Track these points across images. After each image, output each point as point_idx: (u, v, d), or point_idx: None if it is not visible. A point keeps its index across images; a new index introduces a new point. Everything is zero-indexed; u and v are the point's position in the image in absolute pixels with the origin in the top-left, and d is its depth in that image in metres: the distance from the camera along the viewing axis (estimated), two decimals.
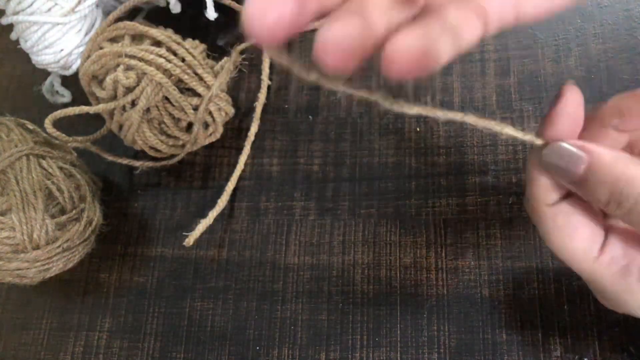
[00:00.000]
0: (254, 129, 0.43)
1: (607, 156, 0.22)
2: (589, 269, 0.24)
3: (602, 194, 0.22)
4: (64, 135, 0.40)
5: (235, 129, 0.44)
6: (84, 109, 0.39)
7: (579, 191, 0.23)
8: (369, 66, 0.20)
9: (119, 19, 0.40)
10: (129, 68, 0.37)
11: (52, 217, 0.36)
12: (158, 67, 0.37)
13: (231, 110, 0.41)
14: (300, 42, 0.45)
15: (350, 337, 0.37)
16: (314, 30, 0.19)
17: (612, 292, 0.24)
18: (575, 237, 0.24)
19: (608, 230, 0.24)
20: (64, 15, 0.41)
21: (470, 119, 0.22)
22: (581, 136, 0.24)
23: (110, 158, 0.42)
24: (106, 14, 0.45)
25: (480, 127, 0.23)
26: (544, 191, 0.24)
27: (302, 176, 0.41)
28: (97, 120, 0.41)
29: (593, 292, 0.26)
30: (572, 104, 0.23)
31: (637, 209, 0.21)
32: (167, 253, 0.41)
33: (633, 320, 0.32)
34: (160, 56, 0.37)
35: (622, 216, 0.22)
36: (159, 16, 0.45)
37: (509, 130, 0.23)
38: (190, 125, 0.40)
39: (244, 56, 0.43)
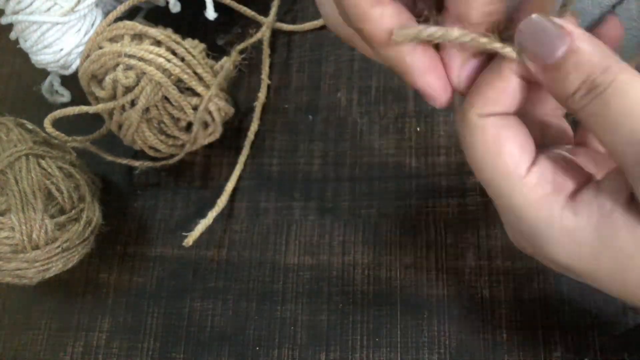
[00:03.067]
0: (253, 128, 0.43)
1: (586, 41, 0.20)
2: (510, 188, 0.21)
3: (573, 80, 0.20)
4: (63, 135, 0.40)
5: (235, 129, 0.44)
6: (83, 108, 0.39)
7: (545, 76, 0.21)
8: None
9: (119, 19, 0.40)
10: (128, 68, 0.37)
11: (52, 217, 0.36)
12: (157, 67, 0.37)
13: (231, 110, 0.41)
14: (301, 41, 0.45)
15: (351, 338, 0.36)
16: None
17: (530, 221, 0.22)
18: (503, 152, 0.21)
19: (539, 153, 0.22)
20: (64, 15, 0.41)
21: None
22: None
23: (109, 158, 0.42)
24: (106, 13, 0.45)
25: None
26: (481, 99, 0.22)
27: (302, 176, 0.41)
28: (96, 120, 0.41)
29: (506, 225, 0.24)
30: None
31: (604, 97, 0.19)
32: (167, 253, 0.41)
33: (633, 320, 0.32)
34: (160, 56, 0.37)
35: (583, 106, 0.20)
36: (159, 16, 0.45)
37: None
38: (189, 125, 0.40)
39: (243, 56, 0.43)
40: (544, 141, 0.25)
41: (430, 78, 0.23)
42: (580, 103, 0.20)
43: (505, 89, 0.22)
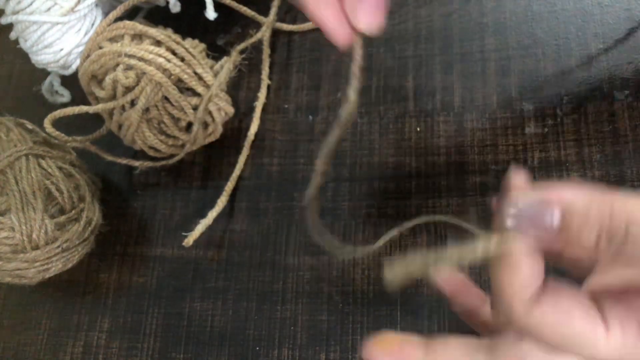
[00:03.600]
0: (253, 128, 0.43)
1: (572, 191, 0.19)
2: (604, 353, 0.19)
3: (589, 237, 0.19)
4: (63, 135, 0.40)
5: (235, 129, 0.44)
6: (83, 108, 0.39)
7: (560, 244, 0.20)
8: None
9: (119, 19, 0.40)
10: (128, 68, 0.37)
11: (52, 217, 0.36)
12: (157, 67, 0.37)
13: (231, 110, 0.41)
14: (301, 41, 0.45)
15: (350, 338, 0.36)
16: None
17: None
18: (577, 325, 0.19)
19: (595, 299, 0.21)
20: (64, 15, 0.41)
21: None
22: None
23: (109, 158, 0.42)
24: (106, 13, 0.45)
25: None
26: (527, 281, 0.20)
27: (301, 176, 0.41)
28: (96, 120, 0.41)
29: None
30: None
31: (629, 239, 0.18)
32: (167, 253, 0.41)
33: None
34: (160, 56, 0.37)
35: (617, 250, 0.19)
36: (159, 16, 0.45)
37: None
38: (189, 125, 0.40)
39: (243, 56, 0.43)
40: None
41: (327, 12, 0.23)
42: (609, 252, 0.19)
43: (528, 270, 0.20)
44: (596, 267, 0.22)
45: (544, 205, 0.19)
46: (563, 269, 0.22)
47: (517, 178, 0.20)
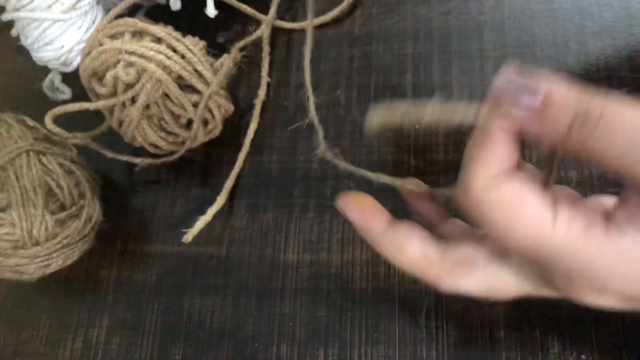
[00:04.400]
0: (253, 126, 0.43)
1: (557, 82, 0.20)
2: (548, 241, 0.20)
3: (564, 118, 0.20)
4: (64, 131, 0.40)
5: (235, 126, 0.44)
6: (84, 105, 0.39)
7: (535, 125, 0.21)
8: None
9: (120, 16, 0.40)
10: (129, 65, 0.37)
11: (52, 213, 0.36)
12: (158, 64, 0.37)
13: (231, 108, 0.41)
14: (301, 39, 0.45)
15: (349, 334, 0.37)
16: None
17: (582, 263, 0.20)
18: (527, 210, 0.20)
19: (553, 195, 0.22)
20: (65, 12, 0.41)
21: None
22: None
23: (110, 155, 0.42)
24: (106, 10, 0.45)
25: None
26: (497, 159, 0.21)
27: (301, 174, 0.41)
28: (97, 117, 0.42)
29: (551, 284, 0.22)
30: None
31: (603, 122, 0.19)
32: (167, 250, 0.42)
33: (631, 316, 0.32)
34: (160, 53, 0.37)
35: (584, 138, 0.20)
36: (159, 13, 0.45)
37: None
38: (189, 122, 0.40)
39: (243, 53, 0.43)
40: None
41: None
42: (580, 136, 0.20)
43: (500, 147, 0.21)
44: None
45: (530, 83, 0.20)
46: None
47: (508, 70, 0.21)
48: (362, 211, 0.27)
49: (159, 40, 0.38)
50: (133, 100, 0.38)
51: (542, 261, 0.21)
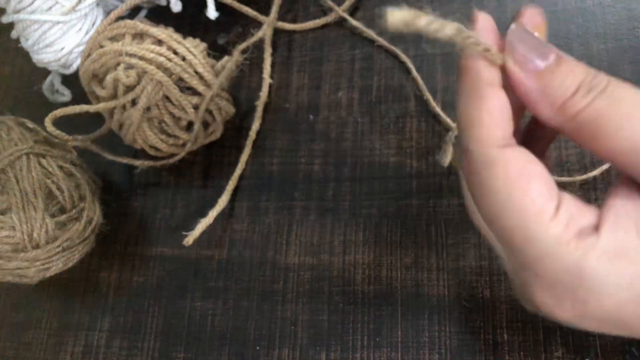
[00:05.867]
0: (255, 128, 0.43)
1: (566, 55, 0.20)
2: (543, 232, 0.18)
3: (571, 83, 0.19)
4: (64, 134, 0.40)
5: (236, 128, 0.44)
6: (84, 107, 0.39)
7: (537, 82, 0.20)
8: None
9: (120, 18, 0.40)
10: (129, 67, 0.37)
11: (52, 216, 0.36)
12: (159, 66, 0.36)
13: (231, 109, 0.41)
14: (302, 40, 0.45)
15: (351, 338, 0.36)
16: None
17: (570, 269, 0.18)
18: (530, 190, 0.18)
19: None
20: (65, 14, 0.41)
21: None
22: None
23: (110, 157, 0.42)
24: (107, 12, 0.45)
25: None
26: (495, 126, 0.19)
27: (302, 176, 0.41)
28: (97, 119, 0.41)
29: (525, 280, 0.20)
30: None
31: (606, 94, 0.19)
32: (167, 252, 0.41)
33: None
34: (161, 55, 0.37)
35: (585, 107, 0.19)
36: (160, 15, 0.45)
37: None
38: (190, 124, 0.40)
39: (245, 55, 0.43)
40: None
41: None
42: (581, 103, 0.19)
43: (500, 107, 0.20)
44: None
45: (543, 42, 0.20)
46: None
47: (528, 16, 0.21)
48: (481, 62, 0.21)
49: (159, 42, 0.38)
50: (133, 102, 0.38)
51: (526, 253, 0.19)
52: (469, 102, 0.20)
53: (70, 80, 0.46)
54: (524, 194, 0.19)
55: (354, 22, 0.44)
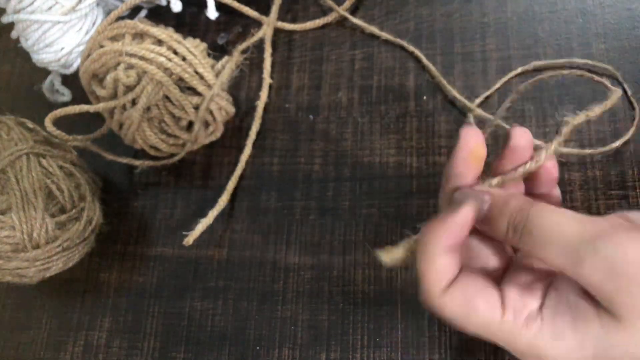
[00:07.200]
0: (255, 128, 0.43)
1: (500, 194, 0.26)
2: (498, 329, 0.24)
3: (502, 225, 0.25)
4: (64, 134, 0.40)
5: (236, 128, 0.44)
6: (84, 107, 0.39)
7: (485, 225, 0.26)
8: None
9: (120, 18, 0.40)
10: (129, 67, 0.37)
11: (52, 216, 0.36)
12: (159, 66, 0.36)
13: (232, 109, 0.41)
14: (302, 40, 0.45)
15: (351, 338, 0.36)
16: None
17: (527, 349, 0.24)
18: (478, 309, 0.24)
19: (502, 288, 0.25)
20: (65, 14, 0.41)
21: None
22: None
23: (110, 157, 0.42)
24: (107, 12, 0.45)
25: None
26: (441, 273, 0.25)
27: (302, 175, 0.41)
28: (97, 119, 0.41)
29: None
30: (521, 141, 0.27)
31: (526, 230, 0.24)
32: (167, 252, 0.41)
33: None
34: (161, 55, 0.37)
35: (518, 240, 0.25)
36: (160, 15, 0.45)
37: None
38: (190, 124, 0.39)
39: (245, 55, 0.43)
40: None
41: None
42: (514, 239, 0.25)
43: (445, 263, 0.25)
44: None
45: (480, 194, 0.26)
46: None
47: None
48: (467, 161, 0.27)
49: (159, 42, 0.38)
50: (133, 102, 0.38)
51: (499, 343, 0.25)
52: (421, 259, 0.25)
53: (71, 80, 0.46)
54: (475, 313, 0.24)
55: (355, 20, 0.44)
